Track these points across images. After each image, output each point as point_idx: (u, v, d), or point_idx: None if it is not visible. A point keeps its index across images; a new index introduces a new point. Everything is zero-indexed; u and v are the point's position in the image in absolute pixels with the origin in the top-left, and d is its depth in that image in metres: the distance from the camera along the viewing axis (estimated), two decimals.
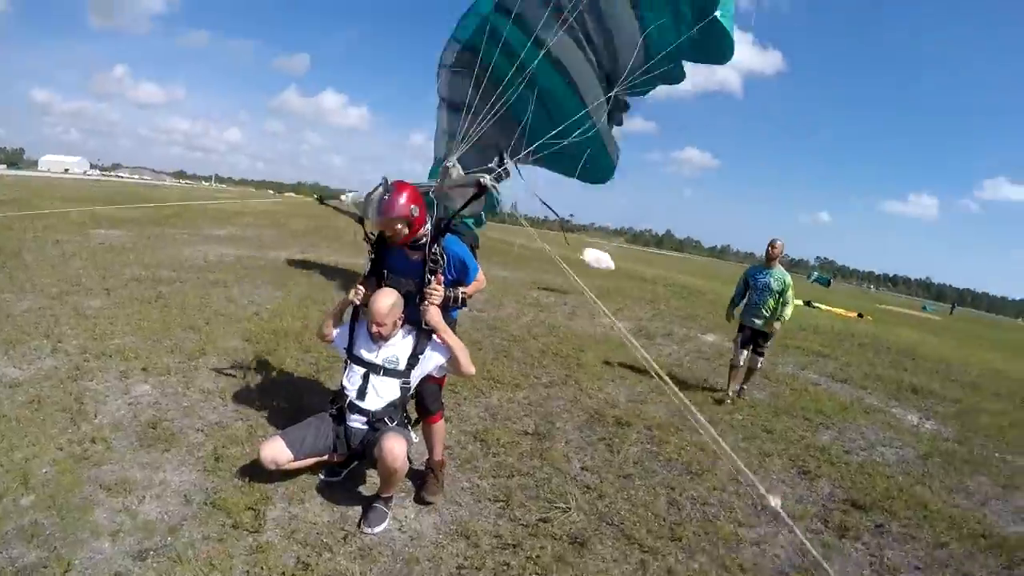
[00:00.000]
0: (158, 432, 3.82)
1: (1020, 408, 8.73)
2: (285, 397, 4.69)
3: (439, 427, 3.64)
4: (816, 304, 22.76)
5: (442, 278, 3.44)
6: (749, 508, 4.03)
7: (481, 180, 3.76)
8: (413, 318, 3.48)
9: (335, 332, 3.65)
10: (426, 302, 3.34)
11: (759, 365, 6.80)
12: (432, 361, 3.45)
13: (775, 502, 2.37)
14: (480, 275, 3.72)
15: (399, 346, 3.45)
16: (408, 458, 3.22)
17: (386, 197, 3.27)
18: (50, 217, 13.86)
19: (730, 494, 4.14)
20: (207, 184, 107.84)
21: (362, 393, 3.39)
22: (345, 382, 3.47)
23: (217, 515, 3.05)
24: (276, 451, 3.23)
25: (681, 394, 3.15)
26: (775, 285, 6.52)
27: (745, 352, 6.65)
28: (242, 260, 11.26)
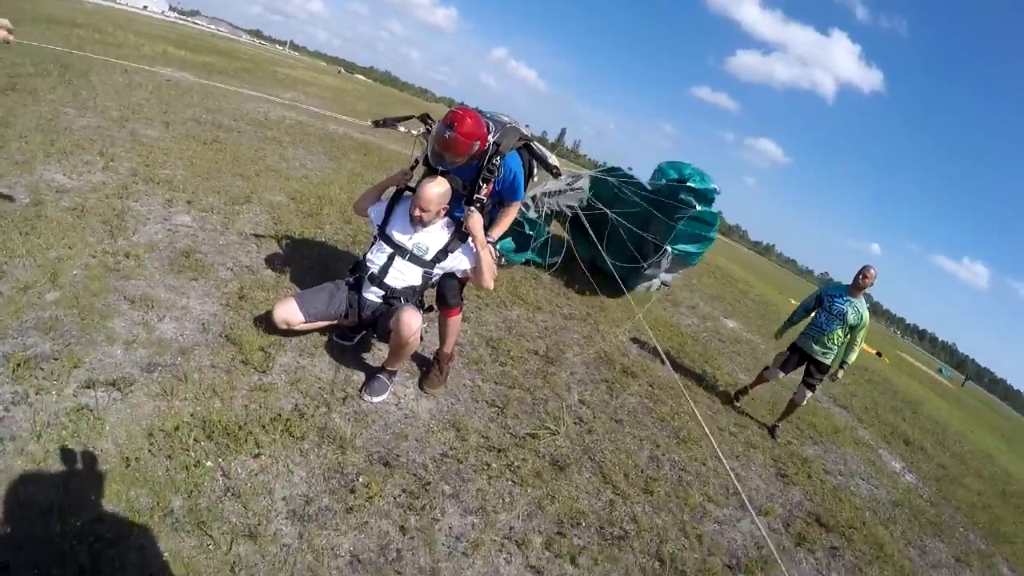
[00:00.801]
0: (190, 261, 3.95)
1: (998, 497, 8.68)
2: (317, 257, 4.83)
3: (455, 321, 3.66)
4: None
5: (492, 188, 3.45)
6: (721, 489, 4.12)
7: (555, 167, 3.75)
8: (455, 215, 3.49)
9: (373, 207, 3.65)
10: (472, 207, 3.33)
11: (805, 400, 5.86)
12: (458, 262, 3.45)
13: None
14: (519, 205, 3.69)
15: (434, 236, 3.43)
16: (420, 335, 3.28)
17: (448, 135, 3.07)
18: (123, 47, 13.99)
19: (708, 469, 4.24)
20: (280, 48, 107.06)
21: (384, 270, 3.40)
22: (371, 256, 3.48)
23: (229, 348, 3.18)
24: (289, 312, 3.27)
25: (675, 373, 3.20)
26: (852, 317, 5.66)
27: (782, 373, 5.96)
28: (302, 125, 11.26)
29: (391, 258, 3.42)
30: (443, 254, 3.42)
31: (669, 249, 7.09)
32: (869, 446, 7.16)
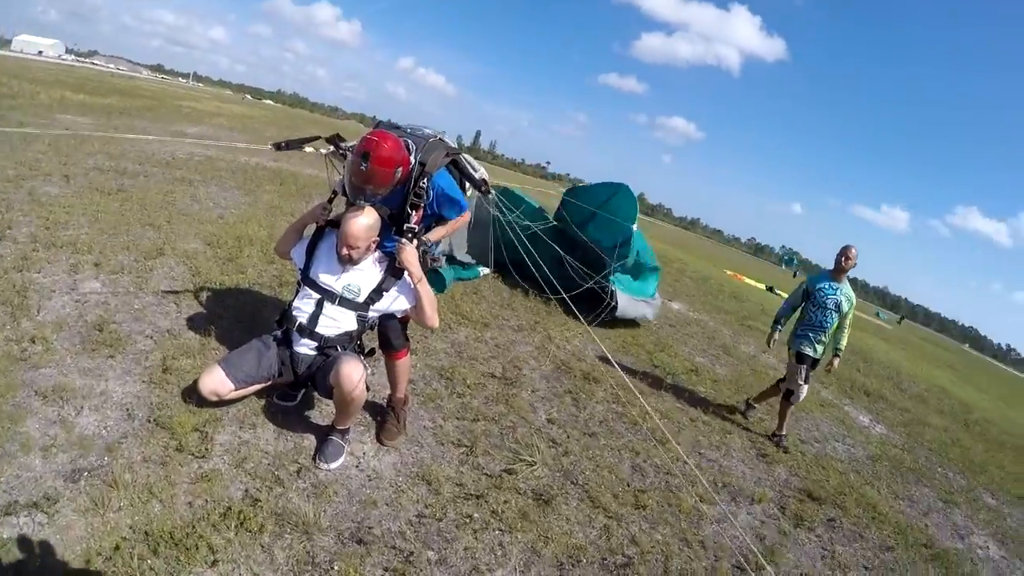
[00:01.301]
0: (104, 335, 3.50)
1: (962, 429, 9.23)
2: (242, 308, 4.42)
3: (403, 363, 3.34)
4: (779, 292, 23.05)
5: (423, 213, 3.12)
6: (709, 483, 4.04)
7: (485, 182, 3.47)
8: (386, 248, 3.17)
9: (295, 248, 3.27)
10: (402, 239, 3.00)
11: (802, 397, 5.38)
12: (395, 303, 3.13)
13: None
14: (467, 213, 3.37)
15: (365, 274, 3.10)
16: (366, 385, 2.96)
17: (364, 167, 2.75)
18: (17, 96, 13.06)
19: (692, 466, 4.10)
20: (184, 81, 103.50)
21: (314, 319, 3.06)
22: (297, 304, 3.12)
23: (160, 434, 2.79)
24: (216, 382, 2.89)
25: (622, 372, 3.30)
26: (845, 305, 5.30)
27: (805, 386, 5.33)
28: (212, 161, 10.63)
29: (319, 304, 3.07)
30: (377, 294, 3.10)
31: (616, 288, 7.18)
32: (834, 405, 7.40)
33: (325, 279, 3.09)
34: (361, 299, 3.08)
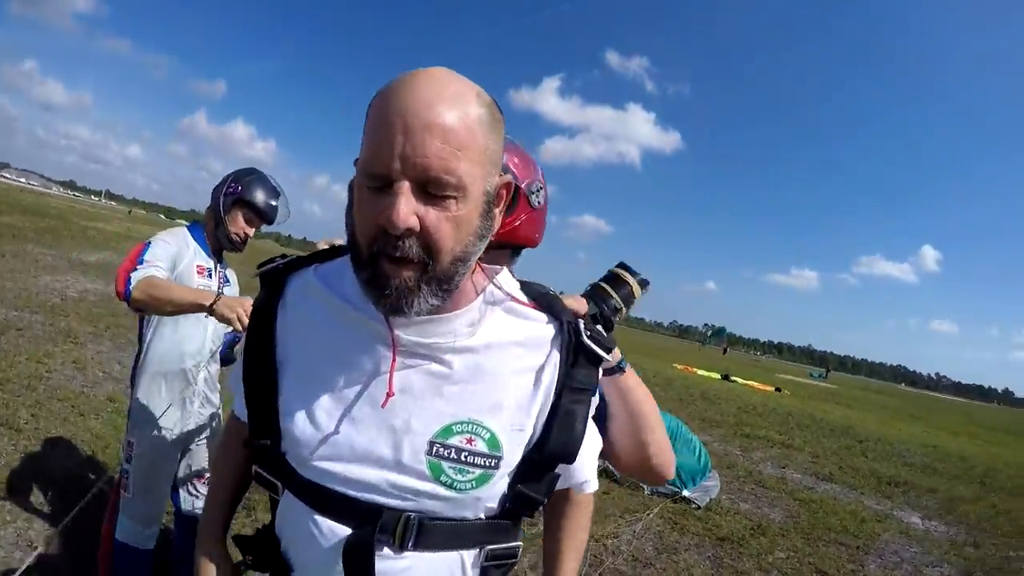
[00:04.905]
0: None
1: (982, 488, 8.95)
2: None
3: None
4: (734, 378, 22.49)
5: None
6: None
7: None
8: None
9: None
10: None
11: None
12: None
13: None
14: None
15: None
16: None
17: None
18: None
19: None
20: (96, 199, 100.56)
21: None
22: None
23: None
24: None
25: None
26: None
27: None
28: (108, 302, 8.46)
29: None
30: None
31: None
32: (887, 515, 6.53)
33: None
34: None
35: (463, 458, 0.78)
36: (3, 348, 5.43)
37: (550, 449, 0.83)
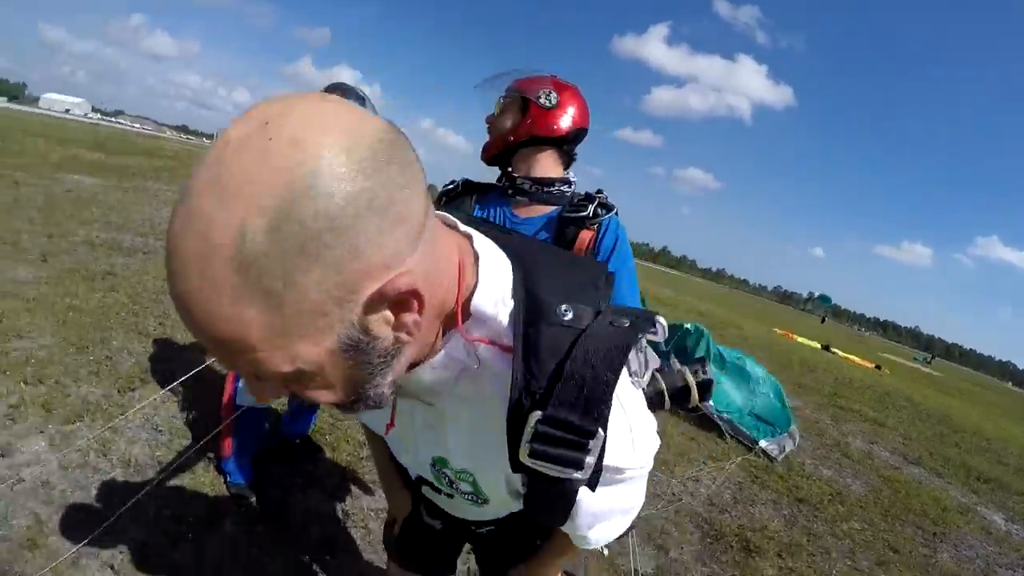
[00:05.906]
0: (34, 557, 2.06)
1: None
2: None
3: None
4: (834, 349, 21.52)
5: None
6: None
7: None
8: None
9: None
10: None
11: None
12: None
13: None
14: None
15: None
16: None
17: None
18: (25, 155, 12.43)
19: None
20: (208, 141, 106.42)
21: None
22: None
23: None
24: None
25: None
26: None
27: None
28: None
29: None
30: None
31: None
32: (971, 509, 6.15)
33: None
34: None
35: (456, 488, 0.90)
36: (131, 269, 6.02)
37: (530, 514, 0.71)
